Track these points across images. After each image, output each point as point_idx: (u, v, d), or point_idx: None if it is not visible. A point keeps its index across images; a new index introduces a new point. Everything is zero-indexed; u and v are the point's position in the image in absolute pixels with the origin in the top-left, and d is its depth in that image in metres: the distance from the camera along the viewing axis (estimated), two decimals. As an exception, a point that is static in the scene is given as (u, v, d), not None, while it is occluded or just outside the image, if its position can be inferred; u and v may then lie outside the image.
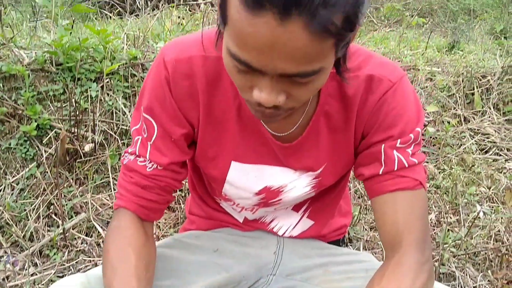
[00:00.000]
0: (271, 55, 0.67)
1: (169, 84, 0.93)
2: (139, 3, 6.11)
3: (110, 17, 4.91)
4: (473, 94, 3.01)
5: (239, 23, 0.66)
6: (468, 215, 2.16)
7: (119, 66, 2.21)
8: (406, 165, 0.95)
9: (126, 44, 2.47)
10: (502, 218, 2.10)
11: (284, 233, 1.24)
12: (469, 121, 2.92)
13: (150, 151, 0.97)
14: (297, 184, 1.07)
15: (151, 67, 0.97)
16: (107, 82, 2.21)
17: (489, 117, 2.92)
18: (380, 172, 0.96)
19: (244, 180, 1.05)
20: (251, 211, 1.18)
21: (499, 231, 2.01)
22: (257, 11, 0.63)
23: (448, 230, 2.05)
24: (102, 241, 1.86)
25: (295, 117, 0.96)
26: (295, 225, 1.24)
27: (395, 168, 0.95)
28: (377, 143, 0.96)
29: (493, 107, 2.97)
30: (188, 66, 0.92)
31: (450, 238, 1.97)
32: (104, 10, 6.12)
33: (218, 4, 0.72)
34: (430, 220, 2.15)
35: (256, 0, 0.62)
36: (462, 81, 3.04)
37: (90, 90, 2.16)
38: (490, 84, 3.02)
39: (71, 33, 2.24)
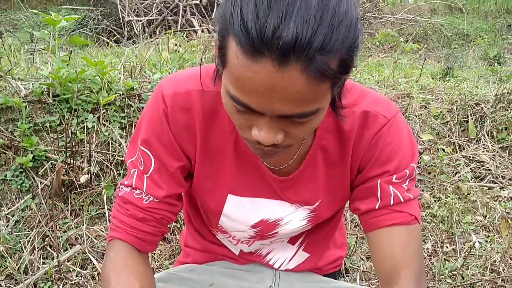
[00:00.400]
0: (270, 98, 0.68)
1: (167, 117, 0.94)
2: (136, 29, 6.18)
3: (108, 43, 4.96)
4: (467, 121, 3.03)
5: (238, 67, 0.68)
6: (464, 245, 2.16)
7: (115, 97, 2.22)
8: (402, 200, 0.96)
9: (123, 75, 2.49)
10: (497, 248, 2.10)
11: (280, 266, 1.24)
12: (463, 149, 2.93)
13: (147, 183, 0.98)
14: (293, 217, 1.08)
15: (149, 101, 0.99)
16: (104, 113, 2.22)
17: (484, 144, 2.94)
18: (377, 207, 0.97)
19: (240, 213, 1.06)
20: (247, 243, 1.18)
21: (495, 261, 2.00)
22: (255, 57, 0.65)
23: (445, 260, 2.05)
24: (97, 274, 1.85)
25: (292, 151, 0.97)
26: (291, 258, 1.24)
27: (391, 203, 0.96)
28: (373, 178, 0.97)
29: (487, 135, 2.99)
30: (186, 100, 0.94)
31: (446, 268, 1.97)
32: (102, 36, 6.18)
33: (217, 46, 0.74)
34: (427, 249, 2.15)
35: (255, 47, 0.64)
36: (456, 108, 3.06)
37: (86, 121, 2.17)
38: (484, 112, 3.05)
39: (68, 64, 2.26)
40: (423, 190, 2.57)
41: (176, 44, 3.93)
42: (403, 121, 0.99)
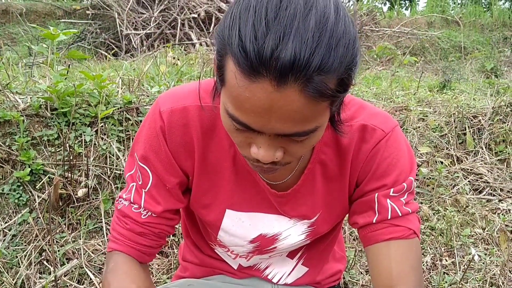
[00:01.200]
0: (268, 117, 0.68)
1: (165, 134, 0.94)
2: (134, 42, 6.20)
3: (106, 56, 4.98)
4: (465, 134, 3.04)
5: (236, 87, 0.68)
6: (464, 258, 2.15)
7: (113, 110, 2.22)
8: (400, 214, 0.96)
9: (121, 88, 2.49)
10: (497, 261, 2.09)
11: (279, 280, 1.23)
12: (461, 161, 2.93)
13: (145, 199, 0.99)
14: (292, 232, 1.07)
15: (146, 116, 0.99)
16: (102, 126, 2.22)
17: (482, 157, 2.94)
18: (374, 221, 0.96)
19: (238, 228, 1.05)
20: (245, 258, 1.18)
21: (494, 274, 1.99)
22: (254, 78, 0.65)
23: (444, 273, 2.04)
24: (94, 289, 1.84)
25: (290, 166, 0.97)
26: (290, 272, 1.23)
27: (389, 217, 0.95)
28: (371, 191, 0.97)
29: (485, 147, 2.99)
30: (183, 116, 0.94)
31: (445, 282, 1.96)
32: (100, 50, 6.20)
33: (215, 65, 0.74)
34: (426, 262, 2.14)
35: (253, 68, 0.64)
36: (454, 121, 3.07)
37: (84, 135, 2.17)
38: (482, 124, 3.06)
39: (66, 78, 2.26)
40: (421, 203, 2.56)
41: (174, 58, 3.95)
42: (401, 135, 0.99)
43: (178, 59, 3.98)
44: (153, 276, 1.93)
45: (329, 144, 0.97)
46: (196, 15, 6.41)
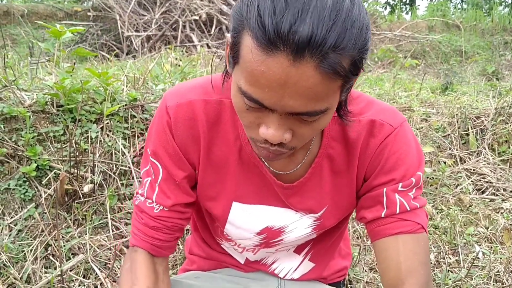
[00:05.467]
0: (282, 93, 0.69)
1: (171, 129, 0.96)
2: (136, 44, 6.22)
3: (108, 58, 4.99)
4: (468, 134, 3.05)
5: (252, 62, 0.69)
6: (468, 255, 2.16)
7: (119, 107, 2.23)
8: (408, 209, 0.96)
9: (126, 86, 2.50)
10: (501, 258, 2.10)
11: (286, 275, 1.24)
12: (464, 162, 2.94)
13: (157, 193, 1.01)
14: (298, 225, 1.08)
15: (156, 113, 1.01)
16: (107, 123, 2.23)
17: (485, 157, 2.95)
18: (382, 215, 0.97)
19: (245, 220, 1.06)
20: (252, 251, 1.18)
21: (498, 271, 2.00)
22: (271, 52, 0.66)
23: (448, 271, 2.05)
24: (100, 284, 1.84)
25: (298, 157, 0.98)
26: (297, 267, 1.23)
27: (397, 212, 0.96)
28: (379, 186, 0.98)
29: (488, 148, 3.00)
30: (189, 110, 0.95)
31: (450, 279, 1.96)
32: (102, 51, 6.22)
33: (229, 44, 0.75)
34: (430, 260, 2.14)
35: (271, 41, 0.66)
36: (457, 122, 3.08)
37: (90, 131, 2.17)
38: (484, 125, 3.07)
39: (71, 75, 2.27)
40: (425, 202, 2.57)
41: (176, 58, 3.96)
42: (409, 130, 0.99)
43: (180, 60, 3.99)
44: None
45: (337, 138, 0.98)
46: (197, 17, 6.44)
